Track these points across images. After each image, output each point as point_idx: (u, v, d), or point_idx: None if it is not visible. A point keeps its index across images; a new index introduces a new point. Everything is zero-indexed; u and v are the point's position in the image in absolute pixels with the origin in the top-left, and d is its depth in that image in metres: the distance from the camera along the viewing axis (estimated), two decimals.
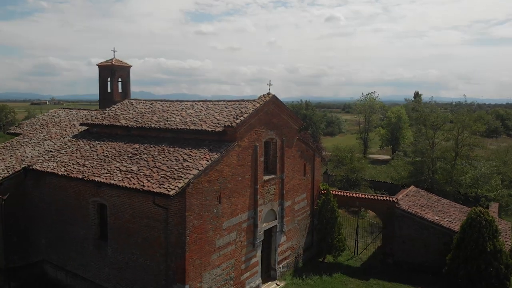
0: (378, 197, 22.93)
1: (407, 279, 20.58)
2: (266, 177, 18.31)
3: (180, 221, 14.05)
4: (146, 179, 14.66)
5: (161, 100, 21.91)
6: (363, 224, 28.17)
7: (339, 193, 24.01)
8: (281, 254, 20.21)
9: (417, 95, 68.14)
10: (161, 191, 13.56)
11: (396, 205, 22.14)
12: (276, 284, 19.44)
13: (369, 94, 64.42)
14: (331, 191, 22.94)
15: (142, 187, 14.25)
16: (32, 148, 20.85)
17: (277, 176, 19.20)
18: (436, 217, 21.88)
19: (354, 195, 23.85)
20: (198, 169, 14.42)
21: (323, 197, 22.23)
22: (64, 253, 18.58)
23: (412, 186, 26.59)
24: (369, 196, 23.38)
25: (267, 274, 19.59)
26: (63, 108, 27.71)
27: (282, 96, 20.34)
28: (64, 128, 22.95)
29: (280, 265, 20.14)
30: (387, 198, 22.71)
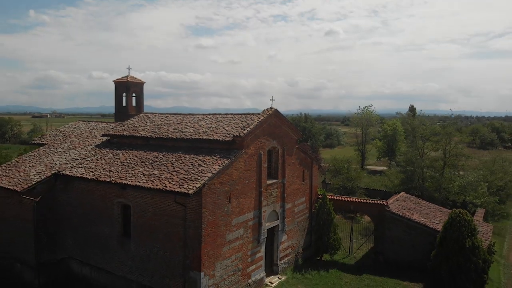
0: (370, 201, 25.41)
1: (396, 275, 22.89)
2: (269, 181, 20.82)
3: (197, 216, 16.51)
4: (167, 181, 17.16)
5: (174, 114, 24.55)
6: (358, 228, 30.57)
7: (335, 197, 26.49)
8: (283, 251, 22.58)
9: (412, 108, 70.93)
10: (182, 191, 16.05)
11: (386, 208, 24.59)
12: (278, 277, 21.76)
13: (366, 108, 67.31)
14: (327, 196, 25.40)
15: (164, 187, 16.75)
16: (59, 157, 23.37)
17: (279, 181, 21.71)
18: (422, 219, 24.31)
19: (348, 199, 26.32)
20: (211, 173, 16.94)
21: (320, 201, 24.69)
22: (89, 250, 20.92)
23: (403, 192, 29.07)
24: (362, 200, 25.86)
25: (270, 269, 21.93)
26: (82, 121, 30.33)
27: (282, 109, 22.90)
28: (86, 139, 25.51)
29: (282, 261, 22.50)
30: (378, 202, 25.17)
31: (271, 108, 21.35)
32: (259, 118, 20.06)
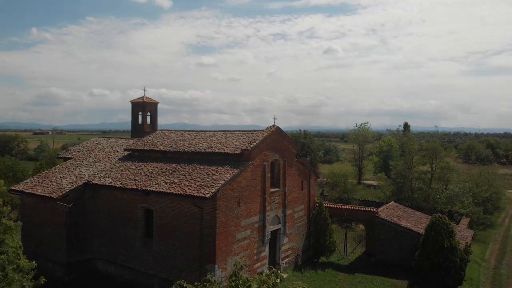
0: (362, 208, 28.52)
1: (385, 273, 25.81)
2: (272, 189, 24.01)
3: (212, 217, 19.64)
4: (187, 188, 20.36)
5: (188, 131, 27.93)
6: (353, 235, 33.54)
7: (331, 205, 29.62)
8: (284, 252, 25.57)
9: (406, 125, 74.40)
10: (200, 195, 19.24)
11: (376, 215, 27.68)
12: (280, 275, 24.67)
13: (362, 125, 70.76)
14: (324, 204, 28.52)
15: (185, 192, 19.93)
16: (86, 169, 26.61)
17: (281, 189, 24.90)
18: (408, 224, 27.39)
19: (342, 206, 29.47)
20: (224, 180, 20.16)
21: (317, 208, 27.81)
22: (114, 250, 23.93)
23: (392, 202, 32.18)
24: (355, 208, 29.00)
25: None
26: (103, 137, 33.68)
27: (282, 125, 26.22)
28: (108, 153, 28.79)
29: (283, 261, 25.47)
30: (369, 209, 28.28)
31: (273, 125, 24.72)
32: (263, 134, 23.40)
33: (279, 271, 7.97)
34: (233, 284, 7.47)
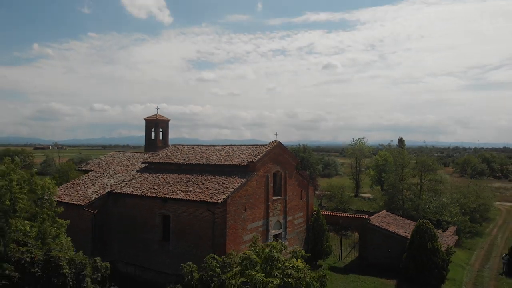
0: (355, 216, 31.62)
1: (376, 274, 28.73)
2: (274, 198, 27.20)
3: (223, 220, 22.78)
4: (201, 195, 23.56)
5: (198, 145, 31.25)
6: (348, 242, 36.52)
7: (327, 213, 32.74)
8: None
9: (401, 140, 77.67)
10: (213, 201, 22.43)
11: (368, 222, 30.77)
12: None
13: (359, 140, 74.12)
14: (321, 212, 31.64)
15: (199, 199, 23.13)
16: (108, 179, 29.83)
17: (282, 198, 28.08)
18: (397, 230, 30.46)
19: (337, 214, 32.58)
20: (233, 188, 23.37)
21: (315, 215, 30.91)
22: (133, 253, 26.95)
23: (384, 211, 35.29)
24: (349, 215, 32.10)
25: None
26: (119, 152, 36.95)
27: (282, 140, 29.47)
28: (126, 166, 32.04)
29: None
30: (362, 216, 31.38)
31: (275, 140, 28.08)
32: (267, 148, 26.72)
33: (283, 242, 11.09)
34: (252, 248, 10.60)
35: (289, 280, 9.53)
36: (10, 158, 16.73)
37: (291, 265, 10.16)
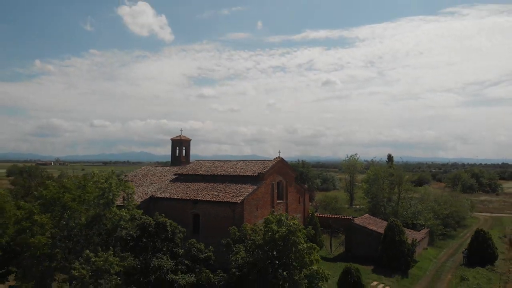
0: (342, 217, 39.97)
1: (358, 262, 36.61)
2: (278, 201, 35.63)
3: (240, 216, 31.14)
4: (224, 197, 32.00)
5: (218, 160, 39.80)
6: (338, 241, 44.67)
7: (320, 215, 41.08)
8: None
9: (390, 157, 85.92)
10: (234, 201, 30.89)
11: (352, 222, 39.09)
12: None
13: (352, 156, 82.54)
14: (315, 214, 39.99)
15: (223, 200, 31.57)
16: (147, 187, 38.29)
17: (284, 201, 36.52)
18: (374, 228, 38.78)
19: (328, 215, 40.91)
20: (248, 192, 31.85)
21: (310, 216, 39.25)
22: None
23: (367, 214, 43.61)
24: (337, 216, 40.45)
25: None
26: (150, 166, 45.48)
27: (283, 155, 38.11)
28: (159, 177, 40.54)
29: None
30: (347, 217, 39.73)
31: (278, 157, 36.70)
32: (272, 163, 35.32)
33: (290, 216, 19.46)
34: (270, 215, 18.99)
35: (290, 228, 17.53)
36: (110, 169, 25.24)
37: (291, 223, 18.26)
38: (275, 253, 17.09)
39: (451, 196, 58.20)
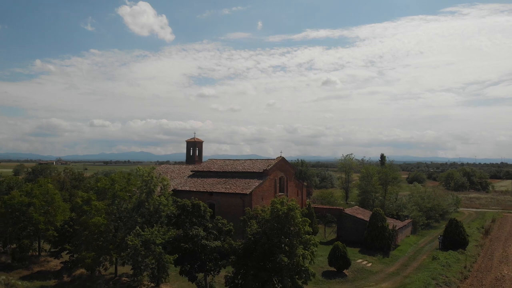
0: (334, 207, 47.05)
1: (347, 245, 43.82)
2: (279, 193, 42.68)
3: (249, 205, 38.18)
4: (235, 189, 39.06)
5: (228, 159, 46.86)
6: (331, 229, 51.77)
7: (315, 206, 48.16)
8: None
9: (382, 157, 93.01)
10: (244, 192, 37.96)
11: (343, 211, 46.15)
12: None
13: (347, 155, 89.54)
14: (311, 205, 47.04)
15: (235, 191, 38.64)
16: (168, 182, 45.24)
17: (284, 194, 43.58)
18: (361, 216, 45.86)
19: (322, 206, 47.96)
20: (255, 186, 38.92)
21: (307, 206, 46.25)
22: None
23: (356, 206, 50.66)
24: (330, 207, 47.52)
25: None
26: (168, 165, 52.53)
27: (283, 155, 45.25)
28: (178, 173, 47.58)
29: None
30: (339, 208, 46.80)
31: (280, 156, 43.77)
32: (275, 161, 42.37)
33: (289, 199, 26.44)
34: (275, 198, 25.95)
35: (290, 206, 24.36)
36: (152, 165, 32.24)
37: (290, 203, 25.07)
38: (279, 225, 23.90)
39: (434, 192, 65.26)
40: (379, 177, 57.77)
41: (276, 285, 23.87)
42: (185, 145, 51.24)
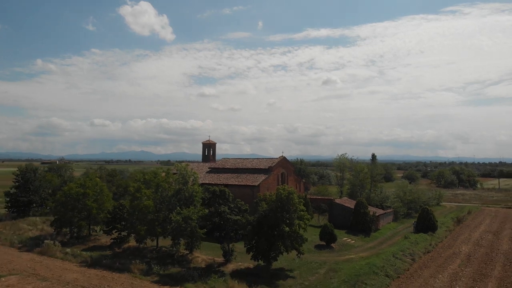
0: (327, 198, 57.78)
1: (337, 229, 54.51)
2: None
3: (257, 195, 48.79)
4: (246, 182, 49.75)
5: (239, 158, 57.54)
6: (324, 217, 62.40)
7: (310, 196, 58.89)
8: None
9: (373, 156, 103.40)
10: (253, 184, 48.65)
11: (333, 201, 56.82)
12: None
13: (342, 155, 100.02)
14: (307, 196, 57.70)
15: (246, 184, 49.32)
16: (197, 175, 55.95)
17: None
18: (348, 205, 56.53)
19: (316, 197, 58.64)
20: (262, 179, 49.61)
21: (304, 197, 56.89)
22: None
23: (345, 197, 61.33)
24: (323, 197, 58.26)
25: None
26: (186, 163, 63.13)
27: (283, 154, 55.82)
28: (197, 170, 58.11)
29: None
30: (330, 198, 57.50)
31: (282, 155, 54.48)
32: (278, 159, 53.04)
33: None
34: (279, 186, 36.58)
35: (289, 191, 34.65)
36: (185, 163, 42.90)
37: (290, 188, 35.47)
38: (281, 204, 34.28)
39: (415, 188, 76.00)
40: (365, 174, 68.41)
41: (280, 247, 34.46)
42: (186, 144, 64.03)
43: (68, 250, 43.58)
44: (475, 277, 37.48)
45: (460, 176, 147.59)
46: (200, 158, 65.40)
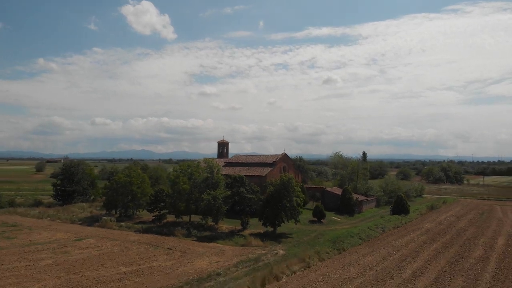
0: (320, 186, 72.83)
1: (327, 211, 69.38)
2: None
3: (265, 183, 63.72)
4: (255, 173, 64.76)
5: (249, 154, 72.50)
6: (318, 203, 77.31)
7: (306, 186, 73.93)
8: None
9: (364, 154, 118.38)
10: (261, 175, 63.69)
11: (325, 189, 71.76)
12: None
13: (336, 153, 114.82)
14: (304, 185, 72.62)
15: (256, 174, 64.30)
16: (220, 167, 70.96)
17: None
18: (337, 192, 71.49)
19: (311, 186, 73.63)
20: (268, 171, 64.61)
21: (301, 186, 71.83)
22: None
23: (335, 186, 76.29)
24: (317, 186, 73.30)
25: None
26: (212, 158, 78.15)
27: (284, 152, 70.62)
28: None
29: None
30: (322, 187, 72.50)
31: (283, 152, 69.49)
32: (280, 155, 68.04)
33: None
34: (281, 175, 51.45)
35: (289, 177, 49.15)
36: (211, 158, 57.86)
37: (290, 175, 50.09)
38: (284, 186, 49.08)
39: (396, 181, 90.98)
40: (352, 167, 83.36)
41: (283, 217, 49.32)
42: (186, 143, 79.82)
43: (122, 223, 58.45)
44: (426, 240, 52.24)
45: (447, 172, 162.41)
46: (200, 156, 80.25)
